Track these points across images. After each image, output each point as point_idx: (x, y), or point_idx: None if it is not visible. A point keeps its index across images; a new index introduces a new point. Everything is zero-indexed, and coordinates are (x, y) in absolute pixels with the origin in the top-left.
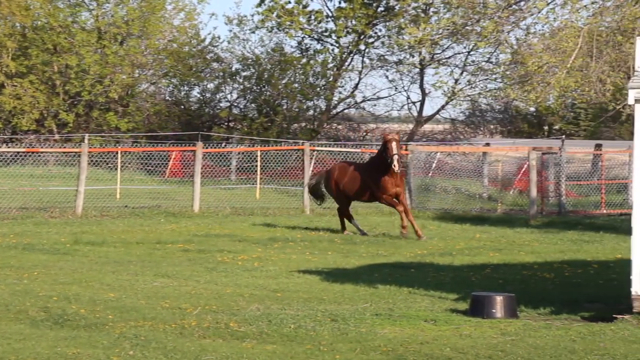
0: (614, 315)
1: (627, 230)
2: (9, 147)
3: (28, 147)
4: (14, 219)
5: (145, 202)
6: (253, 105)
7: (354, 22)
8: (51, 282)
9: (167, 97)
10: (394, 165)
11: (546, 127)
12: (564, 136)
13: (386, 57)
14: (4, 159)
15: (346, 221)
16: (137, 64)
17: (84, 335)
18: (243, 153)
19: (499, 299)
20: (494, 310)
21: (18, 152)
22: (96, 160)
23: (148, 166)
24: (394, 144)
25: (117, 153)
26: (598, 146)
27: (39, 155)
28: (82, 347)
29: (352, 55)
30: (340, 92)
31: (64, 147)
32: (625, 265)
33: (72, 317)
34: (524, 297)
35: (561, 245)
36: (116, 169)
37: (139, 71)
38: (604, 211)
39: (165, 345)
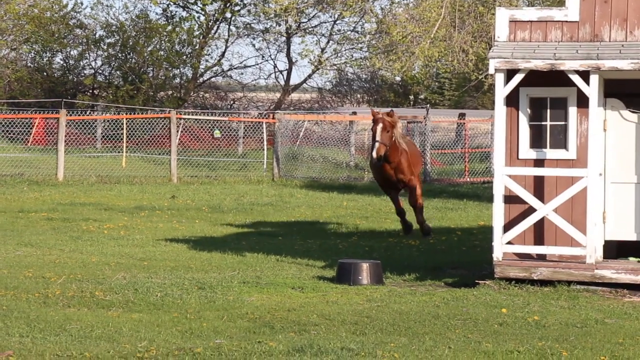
0: (477, 281)
1: (489, 198)
2: None
3: None
4: None
5: (8, 170)
6: (118, 72)
7: None
8: None
9: (29, 64)
10: (372, 155)
11: (412, 97)
12: (428, 105)
13: (252, 25)
14: None
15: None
16: None
17: None
18: (109, 121)
19: (365, 266)
20: (360, 277)
21: None
22: None
23: (10, 133)
24: (377, 128)
25: None
26: (462, 115)
27: None
28: None
29: (218, 23)
30: (207, 60)
31: None
32: (487, 232)
33: None
34: (389, 264)
35: (426, 213)
36: None
37: None
38: (468, 179)
39: (29, 315)
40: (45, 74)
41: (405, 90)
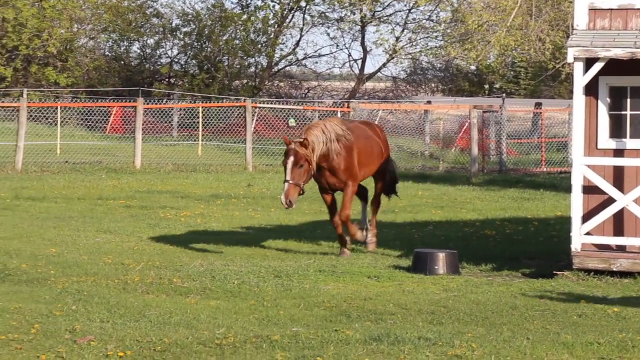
0: (554, 272)
1: (566, 188)
2: None
3: None
4: None
5: (86, 158)
6: (194, 61)
7: None
8: None
9: (107, 53)
10: (281, 200)
11: (487, 86)
12: (504, 95)
13: (327, 14)
14: None
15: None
16: (75, 19)
17: (25, 290)
18: (184, 109)
19: (441, 256)
20: (436, 267)
21: None
22: (35, 116)
23: (88, 122)
24: (288, 163)
25: (56, 108)
26: (538, 105)
27: None
28: (24, 302)
29: (293, 11)
30: (281, 49)
31: (2, 102)
32: (565, 222)
33: (13, 272)
34: (465, 254)
35: (502, 203)
36: (56, 124)
37: (77, 26)
38: (544, 169)
39: (109, 301)
40: (122, 62)
41: (480, 80)
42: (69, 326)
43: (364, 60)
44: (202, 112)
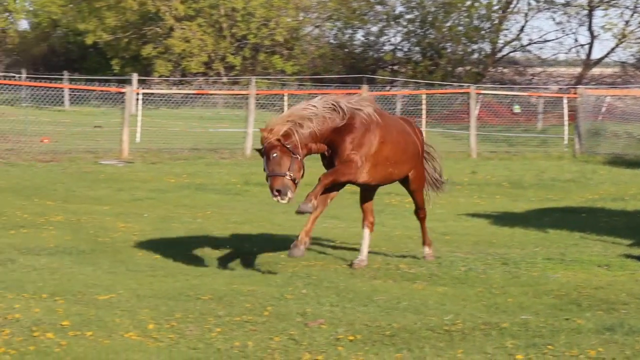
0: None
1: None
2: (179, 89)
3: (197, 89)
4: (185, 160)
5: None
6: (417, 48)
7: None
8: (224, 222)
9: (332, 40)
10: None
11: None
12: None
13: None
14: (175, 100)
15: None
16: (301, 7)
17: (257, 273)
18: (407, 96)
19: None
20: None
21: (188, 94)
22: (263, 103)
23: None
24: (263, 160)
25: (283, 96)
26: None
27: (208, 98)
28: (257, 285)
29: None
30: (505, 35)
31: (232, 90)
32: None
33: (245, 256)
34: None
35: None
36: (283, 111)
37: (303, 14)
38: None
39: (337, 285)
40: (346, 50)
41: None
42: (299, 309)
43: (591, 45)
44: (426, 99)
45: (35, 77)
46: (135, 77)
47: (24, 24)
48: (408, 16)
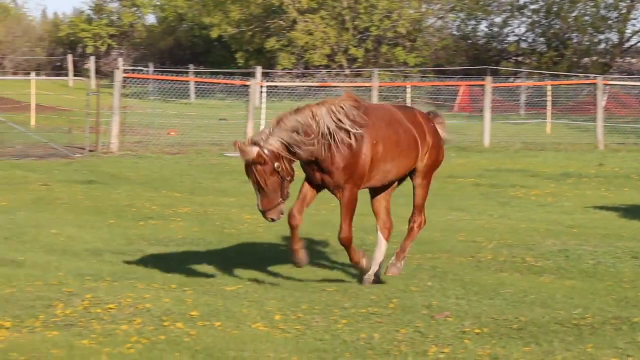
0: None
1: None
2: (302, 82)
3: (320, 82)
4: None
5: None
6: (542, 39)
7: None
8: None
9: (454, 32)
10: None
11: None
12: None
13: None
14: (298, 93)
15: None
16: None
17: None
18: (532, 88)
19: None
20: None
21: (311, 87)
22: (385, 95)
23: (436, 100)
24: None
25: (405, 88)
26: None
27: (331, 90)
28: (382, 277)
29: None
30: (633, 25)
31: (354, 82)
32: None
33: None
34: None
35: None
36: (405, 103)
37: (425, 6)
38: None
39: (462, 278)
40: (469, 41)
41: None
42: (425, 302)
43: None
44: (551, 90)
45: (162, 71)
46: (259, 70)
47: (150, 19)
48: (532, 6)
